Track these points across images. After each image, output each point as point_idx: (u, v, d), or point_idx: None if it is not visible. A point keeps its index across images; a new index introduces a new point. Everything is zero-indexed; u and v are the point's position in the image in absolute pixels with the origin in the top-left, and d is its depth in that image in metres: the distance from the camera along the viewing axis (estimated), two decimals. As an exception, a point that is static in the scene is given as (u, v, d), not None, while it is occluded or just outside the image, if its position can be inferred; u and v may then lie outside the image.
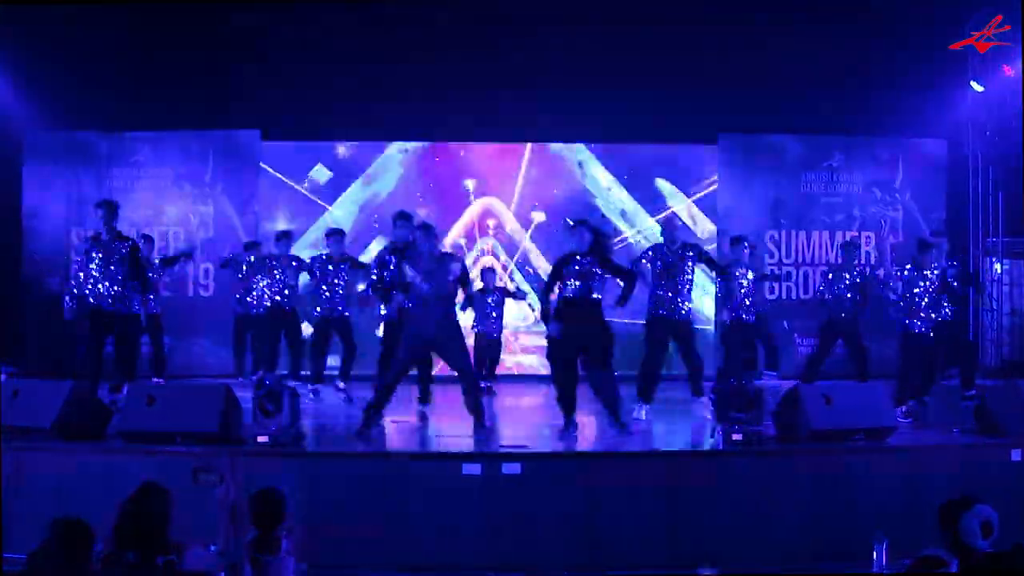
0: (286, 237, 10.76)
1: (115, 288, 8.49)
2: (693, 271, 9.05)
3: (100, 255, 8.56)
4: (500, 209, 12.28)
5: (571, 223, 7.87)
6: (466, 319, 9.61)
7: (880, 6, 11.52)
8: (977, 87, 12.25)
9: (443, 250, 7.89)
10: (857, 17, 11.53)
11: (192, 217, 12.12)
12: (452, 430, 7.96)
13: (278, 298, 10.41)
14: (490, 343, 10.80)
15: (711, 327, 11.86)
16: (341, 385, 9.85)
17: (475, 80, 11.62)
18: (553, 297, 7.95)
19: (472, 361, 8.51)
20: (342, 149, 12.39)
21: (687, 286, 8.94)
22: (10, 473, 6.50)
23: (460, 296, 8.33)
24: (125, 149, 12.13)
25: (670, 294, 8.82)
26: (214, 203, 12.11)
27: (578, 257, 7.69)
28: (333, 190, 12.27)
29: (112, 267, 8.52)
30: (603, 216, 8.47)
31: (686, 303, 8.96)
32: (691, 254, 9.03)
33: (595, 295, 7.66)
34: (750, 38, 11.66)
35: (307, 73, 11.62)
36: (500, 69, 11.59)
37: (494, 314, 10.77)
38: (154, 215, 12.09)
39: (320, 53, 11.60)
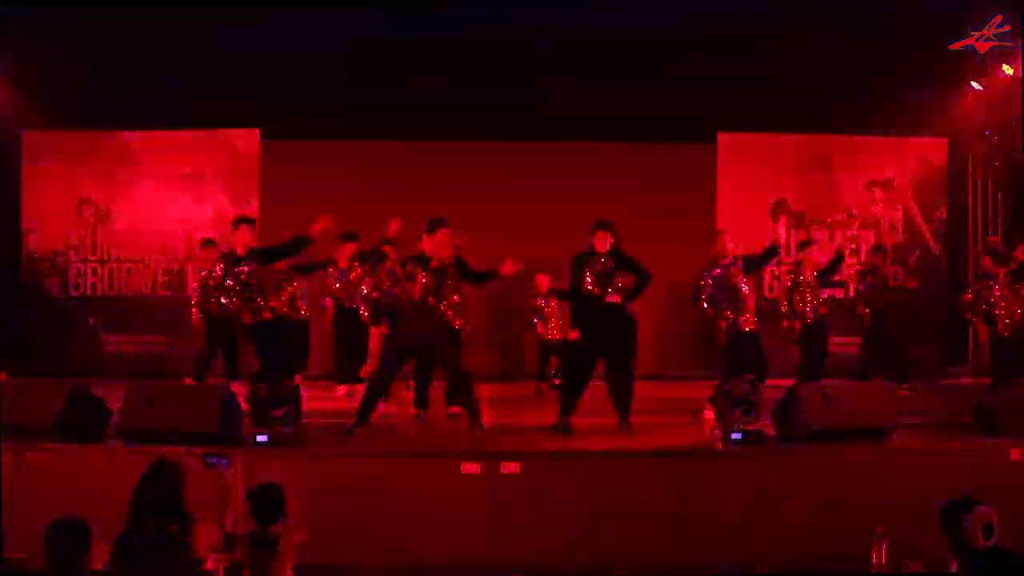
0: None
1: (244, 301, 8.59)
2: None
3: (232, 269, 8.64)
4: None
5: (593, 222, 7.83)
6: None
7: (880, 6, 11.52)
8: (977, 86, 12.26)
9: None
10: (857, 16, 11.52)
11: (191, 217, 12.12)
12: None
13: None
14: (553, 346, 10.71)
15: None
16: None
17: (474, 79, 11.62)
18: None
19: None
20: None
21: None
22: (10, 473, 6.50)
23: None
24: (124, 148, 12.13)
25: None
26: (212, 202, 12.12)
27: (596, 257, 7.68)
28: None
29: (241, 282, 8.61)
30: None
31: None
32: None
33: (615, 294, 7.61)
34: (749, 37, 11.65)
35: (307, 72, 11.60)
36: (500, 68, 11.59)
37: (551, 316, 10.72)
38: (153, 215, 12.10)
39: (320, 52, 11.60)
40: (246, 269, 8.67)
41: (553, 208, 11.69)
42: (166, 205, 12.13)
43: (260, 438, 6.80)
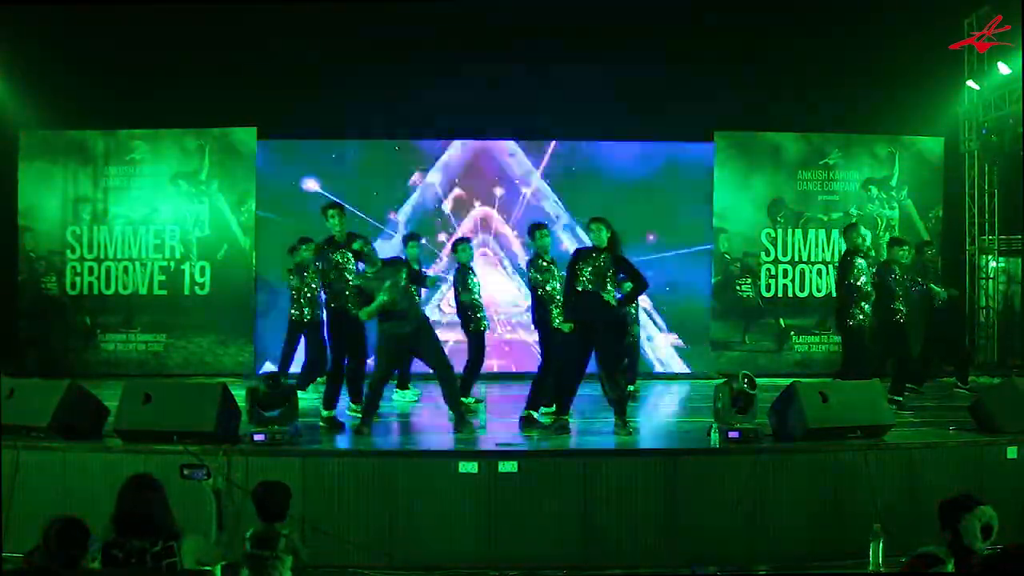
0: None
1: (349, 291, 8.09)
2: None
3: (338, 258, 8.17)
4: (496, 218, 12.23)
5: (590, 219, 7.84)
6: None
7: (879, 5, 11.53)
8: (974, 85, 12.27)
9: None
10: (855, 15, 11.54)
11: (187, 215, 12.11)
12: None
13: None
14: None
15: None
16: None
17: (471, 78, 11.62)
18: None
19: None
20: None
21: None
22: (7, 472, 6.48)
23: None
24: (121, 147, 12.12)
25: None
26: (209, 201, 12.10)
27: (594, 254, 7.68)
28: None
29: (345, 270, 8.18)
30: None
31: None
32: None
33: (609, 293, 7.62)
34: (748, 36, 11.66)
35: (304, 71, 11.60)
36: (497, 68, 11.58)
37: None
38: (150, 213, 12.09)
39: (317, 51, 11.59)
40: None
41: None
42: (163, 204, 12.10)
43: (257, 437, 6.79)
